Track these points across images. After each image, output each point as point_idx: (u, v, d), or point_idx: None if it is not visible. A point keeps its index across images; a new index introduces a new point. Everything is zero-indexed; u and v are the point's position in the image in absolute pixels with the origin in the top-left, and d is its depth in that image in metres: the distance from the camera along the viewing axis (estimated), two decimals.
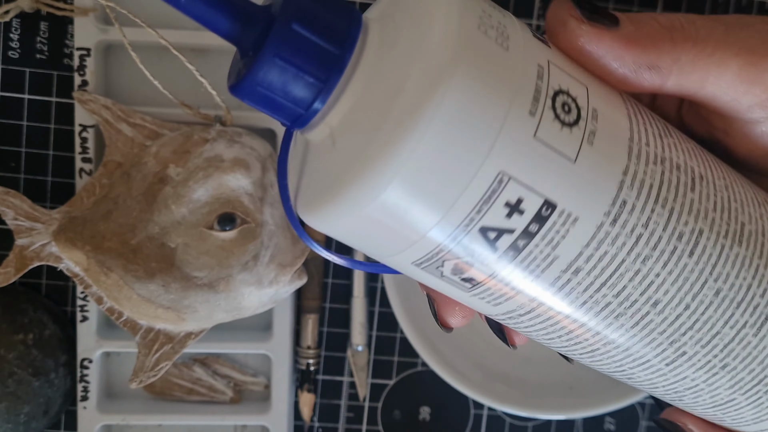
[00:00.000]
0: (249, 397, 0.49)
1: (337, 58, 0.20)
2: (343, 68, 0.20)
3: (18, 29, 0.45)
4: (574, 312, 0.22)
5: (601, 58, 0.21)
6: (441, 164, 0.19)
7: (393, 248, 0.21)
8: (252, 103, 0.20)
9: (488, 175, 0.19)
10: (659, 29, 0.21)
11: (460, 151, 0.19)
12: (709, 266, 0.21)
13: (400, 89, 0.19)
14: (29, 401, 0.44)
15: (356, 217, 0.20)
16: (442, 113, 0.18)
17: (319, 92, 0.20)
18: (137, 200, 0.42)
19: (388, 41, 0.20)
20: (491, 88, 0.19)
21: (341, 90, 0.20)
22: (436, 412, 0.50)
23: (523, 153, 0.19)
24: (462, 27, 0.19)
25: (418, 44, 0.19)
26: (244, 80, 0.20)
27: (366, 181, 0.19)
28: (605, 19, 0.21)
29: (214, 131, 0.42)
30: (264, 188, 0.42)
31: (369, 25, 0.21)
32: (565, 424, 0.51)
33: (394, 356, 0.50)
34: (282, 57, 0.19)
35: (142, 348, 0.43)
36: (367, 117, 0.20)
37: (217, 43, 0.45)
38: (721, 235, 0.21)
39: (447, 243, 0.20)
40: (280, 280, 0.42)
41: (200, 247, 0.41)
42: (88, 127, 0.45)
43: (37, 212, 0.42)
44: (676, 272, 0.21)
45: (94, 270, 0.42)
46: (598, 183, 0.20)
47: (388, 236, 0.20)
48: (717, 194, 0.22)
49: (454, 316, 0.26)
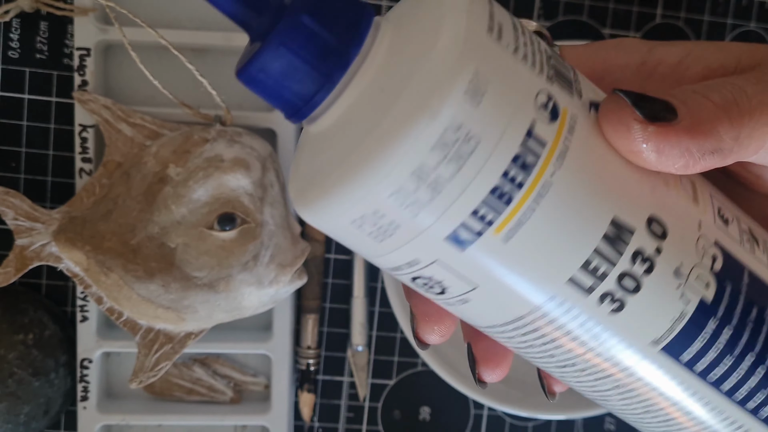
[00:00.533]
0: (249, 398, 0.49)
1: (343, 55, 0.20)
2: (347, 65, 0.20)
3: (18, 29, 0.45)
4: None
5: (663, 154, 0.21)
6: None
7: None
8: (253, 89, 0.20)
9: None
10: (715, 111, 0.21)
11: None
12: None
13: (401, 91, 0.19)
14: (29, 401, 0.44)
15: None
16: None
17: (321, 87, 0.20)
18: (137, 200, 0.42)
19: (398, 42, 0.20)
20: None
21: (344, 86, 0.20)
22: (436, 413, 0.50)
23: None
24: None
25: (425, 48, 0.19)
26: (247, 66, 0.20)
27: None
28: (665, 113, 0.21)
29: (214, 131, 0.42)
30: (264, 188, 0.42)
31: (382, 24, 0.21)
32: (565, 424, 0.51)
33: (394, 356, 0.50)
34: (287, 47, 0.19)
35: (142, 348, 0.43)
36: (367, 115, 0.20)
37: (216, 43, 0.45)
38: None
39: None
40: (280, 280, 0.42)
41: (200, 247, 0.41)
42: (88, 127, 0.45)
43: (37, 212, 0.42)
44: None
45: (94, 270, 0.42)
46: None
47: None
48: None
49: (432, 334, 0.26)
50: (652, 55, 0.25)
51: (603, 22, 0.48)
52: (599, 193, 0.20)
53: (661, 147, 0.20)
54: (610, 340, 0.22)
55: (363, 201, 0.19)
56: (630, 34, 0.49)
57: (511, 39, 0.20)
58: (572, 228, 0.20)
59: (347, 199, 0.19)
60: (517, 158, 0.19)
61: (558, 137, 0.20)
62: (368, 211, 0.19)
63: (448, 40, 0.19)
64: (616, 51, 0.26)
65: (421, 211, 0.19)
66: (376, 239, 0.20)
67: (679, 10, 0.49)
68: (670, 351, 0.22)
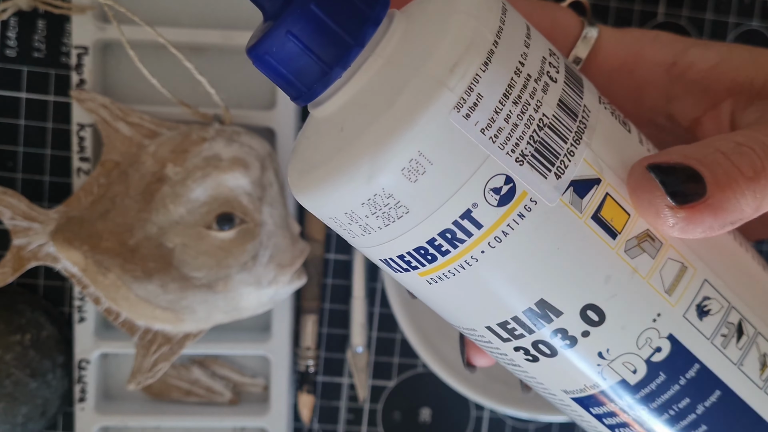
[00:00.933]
0: (248, 399, 0.49)
1: (348, 47, 0.20)
2: (351, 58, 0.20)
3: (15, 27, 0.45)
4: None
5: (687, 232, 0.21)
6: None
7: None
8: (260, 69, 0.21)
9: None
10: (743, 184, 0.21)
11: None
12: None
13: (406, 85, 0.19)
14: (26, 402, 0.44)
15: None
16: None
17: (324, 75, 0.20)
18: (135, 200, 0.42)
19: (408, 37, 0.20)
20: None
21: (349, 75, 0.20)
22: (436, 414, 0.50)
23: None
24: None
25: (431, 44, 0.19)
26: (255, 47, 0.20)
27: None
28: (693, 186, 0.21)
29: (212, 130, 0.42)
30: (263, 187, 0.42)
31: (395, 18, 0.21)
32: (566, 426, 0.51)
33: (394, 357, 0.49)
34: (293, 34, 0.19)
35: (140, 349, 0.43)
36: (368, 107, 0.20)
37: (215, 41, 0.45)
38: None
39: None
40: (279, 281, 0.42)
41: (198, 247, 0.41)
42: (85, 126, 0.44)
43: (34, 212, 0.42)
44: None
45: (91, 270, 0.42)
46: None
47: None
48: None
49: (482, 358, 0.27)
50: (685, 57, 0.25)
51: (605, 20, 0.48)
52: (530, 277, 0.20)
53: (685, 228, 0.21)
54: (531, 372, 0.23)
55: (335, 203, 0.20)
56: None
57: (486, 113, 0.19)
58: (494, 293, 0.21)
59: (325, 198, 0.20)
60: (444, 232, 0.19)
61: (499, 222, 0.19)
62: (341, 212, 0.20)
63: (407, 107, 0.19)
64: (651, 45, 0.26)
65: (363, 235, 0.21)
66: (352, 236, 0.21)
67: (681, 8, 0.48)
68: (581, 403, 0.23)
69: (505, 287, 0.20)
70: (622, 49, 0.26)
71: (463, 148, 0.19)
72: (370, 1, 0.20)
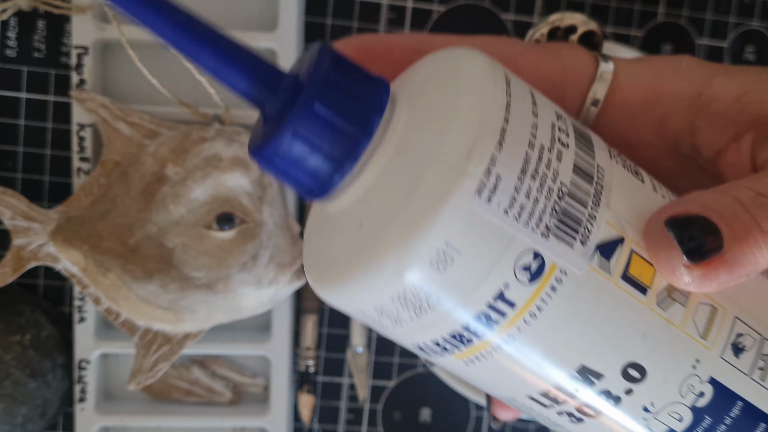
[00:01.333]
0: (248, 399, 0.49)
1: (356, 139, 0.19)
2: (361, 150, 0.20)
3: (15, 27, 0.45)
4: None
5: (702, 288, 0.21)
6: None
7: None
8: (268, 171, 0.20)
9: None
10: (759, 234, 0.21)
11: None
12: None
13: (423, 174, 0.19)
14: (26, 403, 0.44)
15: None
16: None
17: (335, 171, 0.20)
18: (135, 200, 0.42)
19: (415, 121, 0.20)
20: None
21: (360, 167, 0.20)
22: (437, 414, 0.50)
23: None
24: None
25: (442, 129, 0.19)
26: (261, 149, 0.20)
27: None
28: (711, 247, 0.20)
29: (212, 130, 0.42)
30: (263, 187, 0.42)
31: (397, 102, 0.20)
32: None
33: (394, 357, 0.49)
34: (300, 135, 0.19)
35: (140, 349, 0.43)
36: (386, 199, 0.19)
37: None
38: None
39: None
40: (280, 281, 0.42)
41: (199, 247, 0.41)
42: (85, 126, 0.44)
43: (34, 212, 0.42)
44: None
45: (92, 270, 0.42)
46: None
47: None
48: None
49: (507, 412, 0.27)
50: (708, 88, 0.25)
51: (605, 20, 0.48)
52: (568, 346, 0.20)
53: (701, 285, 0.21)
54: (576, 431, 0.23)
55: (364, 300, 0.20)
56: (632, 32, 0.48)
57: (507, 193, 0.19)
58: (534, 366, 0.21)
59: (353, 296, 0.20)
60: (478, 316, 0.19)
61: (533, 298, 0.19)
62: (370, 307, 0.20)
63: (428, 199, 0.18)
64: (673, 75, 0.25)
65: (394, 327, 0.20)
66: (383, 328, 0.21)
67: (681, 9, 0.48)
68: None
69: (544, 359, 0.21)
70: (642, 83, 0.25)
71: (489, 231, 0.19)
72: (371, 87, 0.20)
